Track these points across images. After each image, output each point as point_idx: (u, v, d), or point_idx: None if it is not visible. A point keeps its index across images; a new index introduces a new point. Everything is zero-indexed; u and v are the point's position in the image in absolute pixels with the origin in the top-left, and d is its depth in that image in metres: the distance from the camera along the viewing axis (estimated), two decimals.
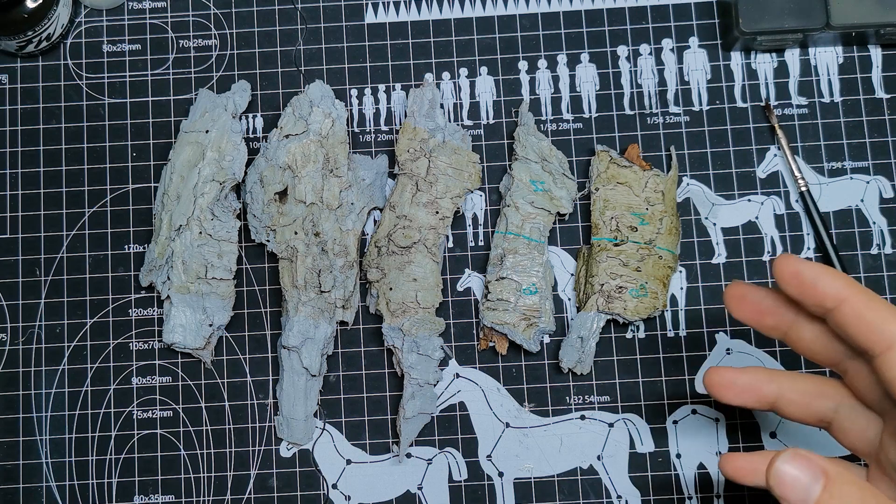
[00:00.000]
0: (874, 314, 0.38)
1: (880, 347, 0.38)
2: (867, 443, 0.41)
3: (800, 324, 0.41)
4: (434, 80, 0.59)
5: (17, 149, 0.58)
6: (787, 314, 0.42)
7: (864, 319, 0.38)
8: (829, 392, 0.43)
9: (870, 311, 0.38)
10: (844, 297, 0.39)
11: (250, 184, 0.56)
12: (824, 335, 0.41)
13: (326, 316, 0.54)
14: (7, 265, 0.57)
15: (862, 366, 0.40)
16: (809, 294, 0.39)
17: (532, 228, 0.55)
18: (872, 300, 0.39)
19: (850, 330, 0.39)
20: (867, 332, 0.38)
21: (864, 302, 0.38)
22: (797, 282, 0.39)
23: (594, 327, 0.54)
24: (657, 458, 0.54)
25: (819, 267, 0.39)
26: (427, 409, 0.54)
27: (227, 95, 0.57)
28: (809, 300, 0.39)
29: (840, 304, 0.39)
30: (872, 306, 0.38)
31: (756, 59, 0.59)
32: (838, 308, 0.39)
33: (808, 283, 0.39)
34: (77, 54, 0.59)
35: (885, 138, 0.57)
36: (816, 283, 0.39)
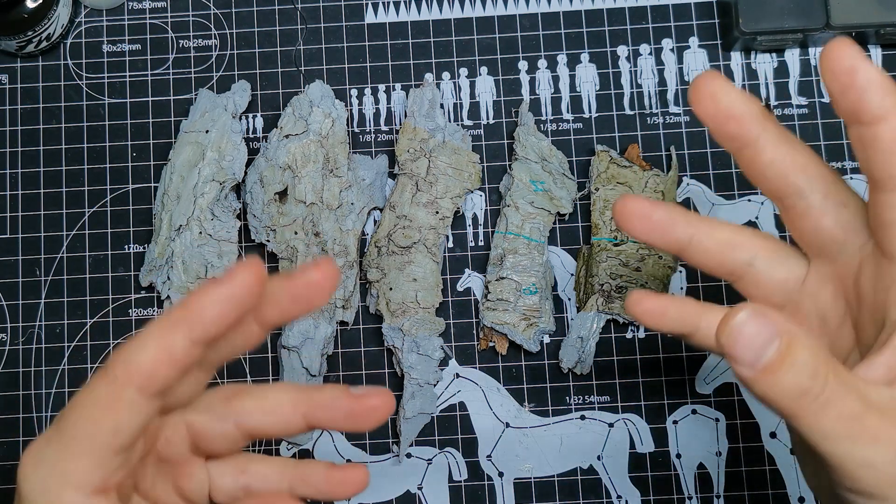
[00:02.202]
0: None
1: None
2: (784, 293, 0.39)
3: (762, 143, 0.36)
4: (434, 80, 0.59)
5: (17, 149, 0.58)
6: (753, 127, 0.36)
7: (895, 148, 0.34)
8: (746, 243, 0.39)
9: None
10: (888, 116, 0.33)
11: (250, 184, 0.56)
12: (786, 161, 0.37)
13: (326, 316, 0.54)
14: (7, 265, 0.57)
15: (819, 204, 0.37)
16: (852, 98, 0.34)
17: (532, 228, 0.55)
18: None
19: (874, 153, 0.34)
20: (892, 163, 0.34)
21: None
22: (848, 79, 0.33)
23: (594, 327, 0.54)
24: (657, 458, 0.54)
25: (876, 71, 0.33)
26: (427, 409, 0.54)
27: (227, 95, 0.57)
28: (849, 104, 0.34)
29: (879, 121, 0.33)
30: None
31: (756, 59, 0.59)
32: (873, 125, 0.34)
33: (858, 86, 0.33)
34: (77, 54, 0.59)
35: None
36: (866, 91, 0.33)
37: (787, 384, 0.30)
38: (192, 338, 0.32)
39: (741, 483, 0.54)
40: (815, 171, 0.37)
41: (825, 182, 0.37)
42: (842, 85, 0.33)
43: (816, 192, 0.37)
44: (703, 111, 0.36)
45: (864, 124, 0.34)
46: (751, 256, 0.39)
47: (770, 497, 0.54)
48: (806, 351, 0.31)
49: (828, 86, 0.34)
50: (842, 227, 0.37)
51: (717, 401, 0.55)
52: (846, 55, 0.33)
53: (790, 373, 0.30)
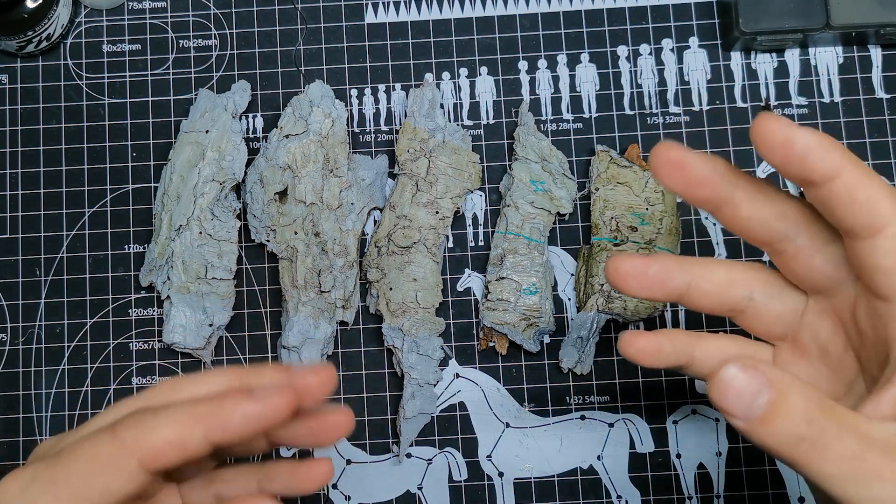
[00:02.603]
0: (868, 193, 0.33)
1: (870, 231, 0.34)
2: (784, 325, 0.39)
3: (737, 200, 0.36)
4: (434, 80, 0.59)
5: (17, 149, 0.58)
6: (724, 188, 0.36)
7: (855, 199, 0.33)
8: (743, 279, 0.39)
9: (863, 189, 0.33)
10: (838, 172, 0.33)
11: (250, 184, 0.56)
12: (765, 212, 0.37)
13: (326, 316, 0.54)
14: (7, 265, 0.57)
15: (807, 245, 0.37)
16: (796, 167, 0.33)
17: (532, 228, 0.55)
18: (867, 177, 0.33)
19: (837, 209, 0.34)
20: (857, 213, 0.33)
21: (858, 179, 0.33)
22: (784, 152, 0.33)
23: (594, 327, 0.54)
24: (657, 458, 0.54)
25: (812, 136, 0.33)
26: (427, 409, 0.54)
27: (227, 95, 0.57)
28: (795, 172, 0.33)
29: (830, 180, 0.33)
30: (867, 184, 0.33)
31: (756, 59, 0.59)
32: (826, 184, 0.33)
33: (798, 156, 0.33)
34: (77, 54, 0.59)
35: (885, 138, 0.57)
36: (807, 157, 0.33)
37: (782, 433, 0.31)
38: (209, 438, 0.33)
39: (741, 483, 0.54)
40: (794, 216, 0.37)
41: (807, 223, 0.37)
42: (782, 157, 0.33)
43: (801, 234, 0.37)
44: (669, 181, 0.36)
45: (818, 185, 0.34)
46: (749, 291, 0.39)
47: (770, 497, 0.54)
48: (798, 398, 0.31)
49: (768, 161, 0.34)
50: (832, 264, 0.37)
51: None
52: (776, 129, 0.33)
53: (784, 421, 0.30)
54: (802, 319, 0.39)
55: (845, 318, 0.38)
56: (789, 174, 0.34)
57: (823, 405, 0.31)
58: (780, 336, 0.40)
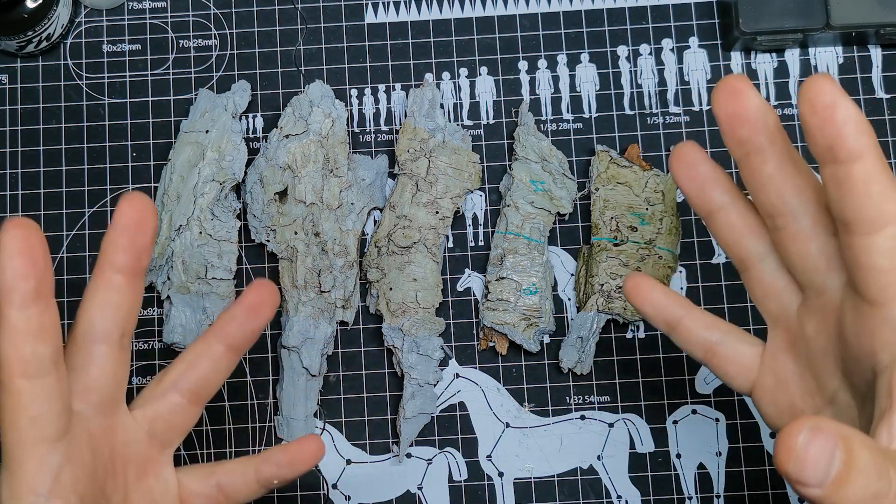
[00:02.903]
0: (884, 186, 0.33)
1: (871, 226, 0.33)
2: (779, 305, 0.40)
3: (769, 154, 0.37)
4: (434, 80, 0.59)
5: (17, 149, 0.58)
6: (764, 137, 0.36)
7: (870, 188, 0.33)
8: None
9: (880, 181, 0.33)
10: (864, 155, 0.33)
11: (250, 184, 0.56)
12: (787, 180, 0.37)
13: (326, 316, 0.54)
14: None
15: (808, 229, 0.37)
16: (831, 134, 0.33)
17: (532, 228, 0.55)
18: (886, 171, 0.33)
19: (847, 193, 0.33)
20: (865, 204, 0.33)
21: (879, 170, 0.33)
22: (827, 114, 0.33)
23: (594, 327, 0.54)
24: (657, 458, 0.54)
25: (854, 110, 0.33)
26: (427, 409, 0.54)
27: (227, 95, 0.57)
28: (827, 140, 0.33)
29: (855, 160, 0.33)
30: (885, 178, 0.33)
31: (756, 59, 0.59)
32: (848, 163, 0.33)
33: (837, 122, 0.33)
34: (77, 54, 0.59)
35: (885, 138, 0.57)
36: (844, 126, 0.32)
37: (858, 491, 0.30)
38: (16, 305, 0.34)
39: (741, 483, 0.54)
40: (810, 196, 0.37)
41: (817, 209, 0.37)
42: (821, 119, 0.33)
43: (807, 216, 0.37)
44: (721, 108, 0.36)
45: (840, 162, 0.33)
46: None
47: (770, 497, 0.54)
48: (865, 450, 0.30)
49: (805, 120, 0.33)
50: (826, 257, 0.37)
51: (717, 401, 0.55)
52: (827, 90, 0.33)
53: (859, 479, 0.29)
54: (796, 311, 0.39)
55: (829, 322, 0.38)
56: (821, 140, 0.33)
57: (888, 454, 0.31)
58: (774, 314, 0.40)
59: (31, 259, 0.34)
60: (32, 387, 0.34)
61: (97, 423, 0.38)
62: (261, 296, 0.40)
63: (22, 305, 0.34)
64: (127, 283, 0.38)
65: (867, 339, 0.35)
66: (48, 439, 0.35)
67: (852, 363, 0.36)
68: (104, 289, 0.37)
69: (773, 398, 0.40)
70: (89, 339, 0.37)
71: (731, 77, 0.36)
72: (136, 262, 0.38)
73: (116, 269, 0.37)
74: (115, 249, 0.37)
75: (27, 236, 0.34)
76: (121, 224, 0.37)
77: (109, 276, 0.37)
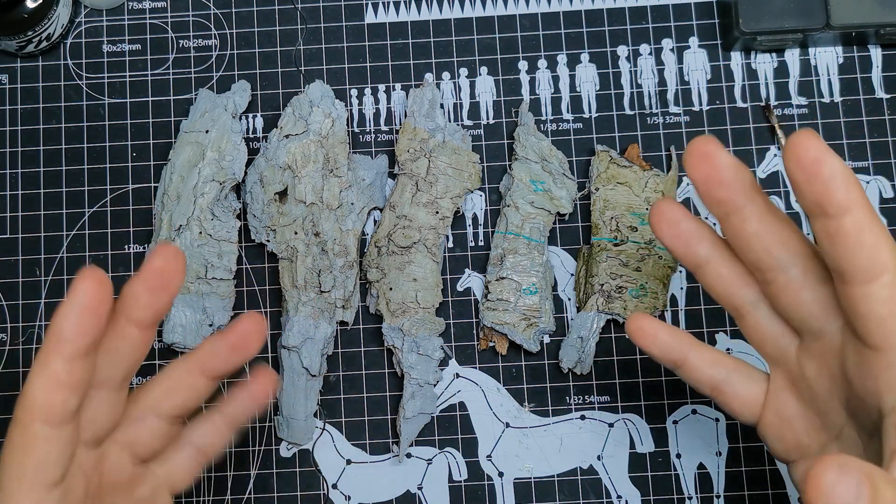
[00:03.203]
0: (875, 237, 0.34)
1: (866, 276, 0.34)
2: (777, 348, 0.41)
3: (748, 212, 0.37)
4: (434, 80, 0.59)
5: (17, 149, 0.58)
6: (741, 196, 0.37)
7: (862, 239, 0.34)
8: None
9: (871, 232, 0.34)
10: (853, 208, 0.33)
11: (250, 184, 0.56)
12: (770, 234, 0.37)
13: (326, 316, 0.54)
14: (7, 265, 0.57)
15: (799, 279, 0.38)
16: (819, 190, 0.33)
17: (532, 228, 0.55)
18: (876, 221, 0.34)
19: (841, 246, 0.34)
20: (859, 255, 0.34)
21: (869, 221, 0.34)
22: (814, 169, 0.33)
23: (594, 327, 0.54)
24: (657, 458, 0.54)
25: (840, 163, 0.33)
26: (427, 409, 0.54)
27: (227, 95, 0.57)
28: (815, 195, 0.34)
29: (844, 213, 0.33)
30: (876, 228, 0.34)
31: (756, 59, 0.59)
32: (838, 216, 0.34)
33: (824, 177, 0.33)
34: (77, 54, 0.59)
35: (885, 138, 0.57)
36: (831, 181, 0.33)
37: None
38: (65, 357, 0.34)
39: (741, 483, 0.54)
40: (796, 247, 0.37)
41: (805, 258, 0.37)
42: (808, 175, 0.33)
43: (797, 267, 0.37)
44: (696, 173, 0.37)
45: (830, 216, 0.34)
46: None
47: (770, 497, 0.54)
48: (888, 487, 0.31)
49: (793, 175, 0.34)
50: (820, 305, 0.37)
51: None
52: (812, 147, 0.33)
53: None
54: (795, 354, 0.40)
55: (830, 363, 0.38)
56: (810, 195, 0.34)
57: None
58: (773, 357, 0.41)
59: (96, 318, 0.34)
60: (50, 434, 0.34)
61: (88, 456, 0.38)
62: (247, 333, 0.40)
63: (70, 359, 0.34)
64: (140, 336, 0.38)
65: (871, 381, 0.35)
66: (48, 485, 0.35)
67: (857, 403, 0.37)
68: (115, 337, 0.37)
69: (779, 434, 0.41)
70: (91, 383, 0.37)
71: (698, 140, 0.36)
72: (155, 318, 0.38)
73: (133, 321, 0.37)
74: (137, 302, 0.37)
75: (99, 292, 0.34)
76: (147, 278, 0.37)
77: (123, 326, 0.37)
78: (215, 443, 0.43)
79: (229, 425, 0.44)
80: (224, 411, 0.43)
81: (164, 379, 0.41)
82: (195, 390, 0.41)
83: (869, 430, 0.37)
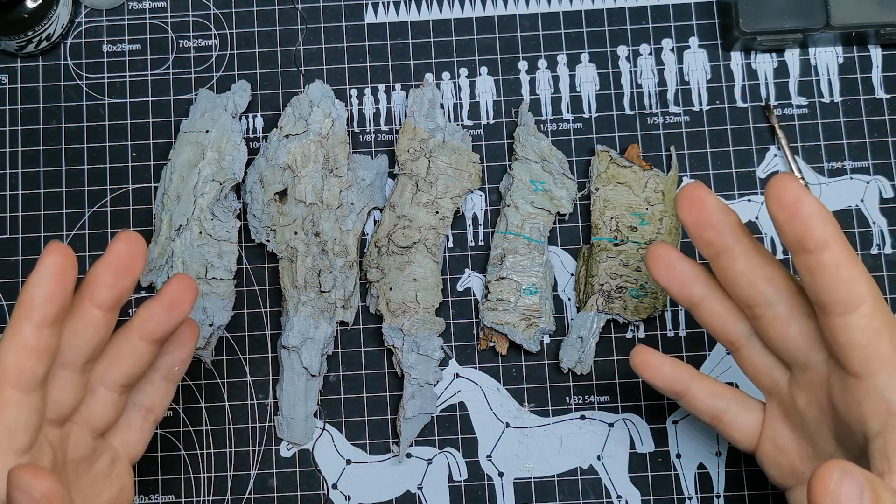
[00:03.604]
0: (851, 271, 0.37)
1: (845, 307, 0.37)
2: (770, 380, 0.43)
3: (736, 252, 0.40)
4: (434, 80, 0.59)
5: (17, 149, 0.58)
6: (729, 237, 0.40)
7: (840, 273, 0.37)
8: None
9: (848, 266, 0.37)
10: (830, 244, 0.37)
11: (250, 184, 0.56)
12: (756, 272, 0.40)
13: (326, 316, 0.54)
14: (7, 265, 0.57)
15: (785, 314, 0.40)
16: (798, 228, 0.37)
17: (532, 228, 0.55)
18: (853, 256, 0.37)
19: (820, 279, 0.37)
20: (838, 288, 0.37)
21: (846, 256, 0.37)
22: (793, 209, 0.37)
23: (594, 327, 0.54)
24: (657, 458, 0.54)
25: (817, 203, 0.37)
26: (427, 409, 0.54)
27: (227, 95, 0.57)
28: (795, 233, 0.37)
29: (823, 249, 0.37)
30: (852, 262, 0.37)
31: (756, 59, 0.59)
32: (817, 252, 0.37)
33: (803, 216, 0.36)
34: (77, 54, 0.59)
35: (885, 138, 0.57)
36: (809, 220, 0.36)
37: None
38: (34, 323, 0.36)
39: (741, 483, 0.54)
40: (781, 284, 0.40)
41: (791, 294, 0.40)
42: (788, 214, 0.37)
43: (783, 303, 0.40)
44: (687, 217, 0.40)
45: (809, 252, 0.37)
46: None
47: (770, 497, 0.54)
48: (887, 493, 0.33)
49: (774, 215, 0.37)
50: (806, 337, 0.40)
51: None
52: (790, 188, 0.37)
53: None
54: (787, 386, 0.43)
55: (818, 393, 0.41)
56: (790, 233, 0.37)
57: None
58: (767, 388, 0.44)
59: (63, 285, 0.36)
60: (20, 399, 0.36)
61: (54, 433, 0.39)
62: (179, 291, 0.41)
63: (39, 324, 0.36)
64: (103, 318, 0.39)
65: (855, 408, 0.38)
66: (18, 451, 0.36)
67: (843, 430, 0.40)
68: (78, 319, 0.39)
69: (775, 461, 0.44)
70: (55, 362, 0.39)
71: (689, 186, 0.40)
72: (117, 300, 0.39)
73: (97, 303, 0.39)
74: (99, 284, 0.38)
75: (65, 262, 0.36)
76: (110, 261, 0.38)
77: (87, 308, 0.39)
78: (159, 400, 0.45)
79: (167, 380, 0.45)
80: (157, 366, 0.45)
81: (108, 350, 0.42)
82: (137, 356, 0.42)
83: (856, 455, 0.39)
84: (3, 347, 0.36)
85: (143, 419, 0.45)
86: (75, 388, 0.40)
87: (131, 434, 0.44)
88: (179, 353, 0.45)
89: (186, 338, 0.45)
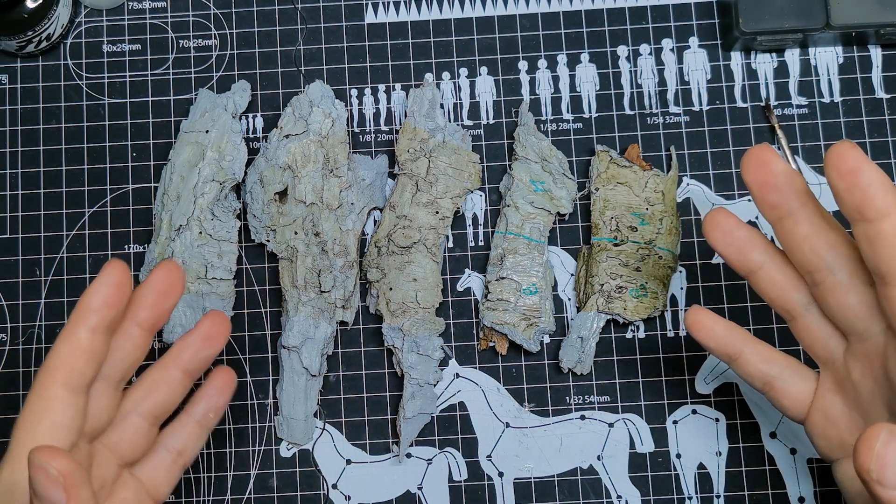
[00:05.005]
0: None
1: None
2: (826, 350, 0.42)
3: (801, 216, 0.40)
4: (434, 80, 0.59)
5: (17, 149, 0.58)
6: (794, 199, 0.39)
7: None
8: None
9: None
10: (891, 213, 0.36)
11: (250, 184, 0.56)
12: (820, 237, 0.40)
13: (326, 316, 0.54)
14: (7, 265, 0.57)
15: (845, 281, 0.40)
16: (857, 196, 0.36)
17: (532, 228, 0.55)
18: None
19: (879, 248, 0.36)
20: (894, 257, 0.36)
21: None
22: (853, 178, 0.36)
23: (594, 327, 0.54)
24: (657, 458, 0.54)
25: (877, 171, 0.36)
26: (427, 409, 0.54)
27: (227, 95, 0.57)
28: (854, 202, 0.36)
29: (882, 217, 0.36)
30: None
31: (756, 59, 0.59)
32: (877, 221, 0.36)
33: (862, 185, 0.36)
34: (77, 54, 0.59)
35: (885, 138, 0.57)
36: (869, 188, 0.36)
37: None
38: (90, 327, 0.38)
39: (741, 483, 0.54)
40: (844, 251, 0.40)
41: (852, 262, 0.40)
42: (847, 183, 0.36)
43: (843, 269, 0.40)
44: (751, 178, 0.39)
45: (869, 221, 0.36)
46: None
47: (770, 497, 0.54)
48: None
49: (833, 184, 0.36)
50: (865, 306, 0.39)
51: (717, 401, 0.55)
52: (851, 157, 0.36)
53: None
54: (842, 357, 0.42)
55: (874, 365, 0.40)
56: (849, 202, 0.36)
57: None
58: (823, 358, 0.43)
59: (120, 295, 0.38)
60: (67, 398, 0.37)
61: (84, 447, 0.40)
62: (215, 326, 0.44)
63: (94, 329, 0.38)
64: (141, 336, 0.41)
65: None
66: None
67: None
68: (120, 334, 0.41)
69: (824, 433, 0.43)
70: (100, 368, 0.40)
71: (756, 148, 0.39)
72: (156, 320, 0.41)
73: (137, 321, 0.41)
74: (143, 304, 0.41)
75: (122, 276, 0.38)
76: (154, 284, 0.41)
77: (129, 325, 0.41)
78: (191, 445, 0.46)
79: (201, 425, 0.46)
80: (192, 411, 0.46)
81: (143, 380, 0.44)
82: (172, 387, 0.43)
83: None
84: (57, 347, 0.38)
85: (173, 462, 0.45)
86: (108, 403, 0.41)
87: (159, 474, 0.45)
88: (216, 400, 0.46)
89: (224, 385, 0.47)
